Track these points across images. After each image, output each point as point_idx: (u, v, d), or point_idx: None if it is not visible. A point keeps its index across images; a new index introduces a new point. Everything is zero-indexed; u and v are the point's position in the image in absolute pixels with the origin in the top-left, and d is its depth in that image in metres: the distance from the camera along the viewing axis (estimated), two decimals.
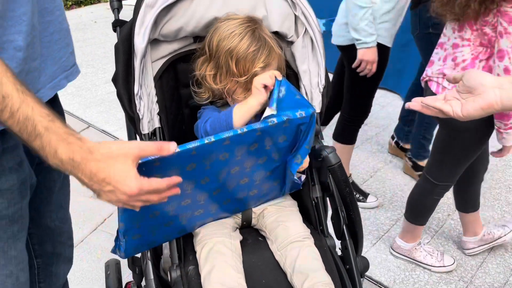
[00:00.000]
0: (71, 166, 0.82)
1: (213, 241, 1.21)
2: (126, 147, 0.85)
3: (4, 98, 0.78)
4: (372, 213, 2.69)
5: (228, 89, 1.24)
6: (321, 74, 1.33)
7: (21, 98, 0.79)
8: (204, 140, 0.97)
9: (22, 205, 1.04)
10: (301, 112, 1.09)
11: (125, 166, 0.83)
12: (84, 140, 0.83)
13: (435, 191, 2.11)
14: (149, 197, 0.87)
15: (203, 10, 1.24)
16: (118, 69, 1.21)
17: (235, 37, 1.19)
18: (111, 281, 1.62)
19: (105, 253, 2.34)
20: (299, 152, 1.18)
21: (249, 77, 1.20)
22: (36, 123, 0.80)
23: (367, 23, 2.17)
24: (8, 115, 0.79)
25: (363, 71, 2.29)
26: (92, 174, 0.82)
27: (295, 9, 1.29)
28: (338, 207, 1.31)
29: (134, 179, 0.83)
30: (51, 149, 0.81)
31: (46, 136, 0.80)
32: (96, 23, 5.67)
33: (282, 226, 1.28)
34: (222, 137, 0.98)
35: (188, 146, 0.95)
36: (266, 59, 1.20)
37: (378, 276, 2.25)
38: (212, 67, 1.24)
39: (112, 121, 3.72)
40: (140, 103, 1.19)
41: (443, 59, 1.85)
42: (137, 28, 1.16)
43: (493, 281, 2.23)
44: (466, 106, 0.95)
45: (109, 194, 0.84)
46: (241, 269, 1.19)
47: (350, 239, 1.30)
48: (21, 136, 0.81)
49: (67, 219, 1.37)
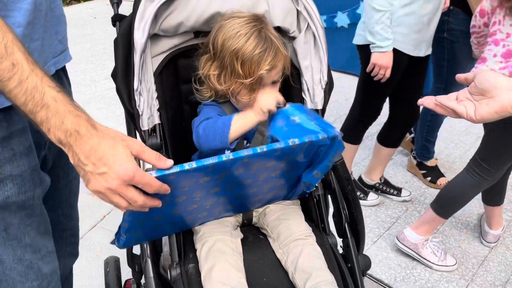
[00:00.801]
0: (73, 139, 0.80)
1: (213, 239, 1.20)
2: (130, 139, 0.86)
3: (13, 65, 0.77)
4: (373, 210, 2.68)
5: (232, 90, 1.21)
6: (323, 71, 1.31)
7: (30, 68, 0.79)
8: (222, 157, 0.94)
9: (34, 194, 1.02)
10: (323, 134, 1.04)
11: (125, 151, 0.82)
12: (90, 116, 0.83)
13: (483, 184, 2.09)
14: (135, 194, 0.84)
15: (204, 5, 1.22)
16: (117, 65, 1.20)
17: (240, 37, 1.16)
18: (111, 278, 1.61)
19: (104, 250, 2.33)
20: (319, 169, 1.15)
21: (254, 79, 1.17)
22: (45, 92, 0.79)
23: (383, 26, 2.11)
24: (15, 84, 0.78)
25: (377, 76, 2.24)
26: (92, 150, 0.80)
27: (297, 4, 1.27)
28: (340, 205, 1.29)
29: (132, 163, 0.82)
30: (57, 120, 0.79)
31: (53, 106, 0.79)
32: (95, 19, 5.65)
33: (284, 224, 1.27)
34: (241, 155, 0.95)
35: (206, 162, 0.92)
36: (273, 61, 1.17)
37: (379, 274, 2.24)
38: (217, 67, 1.22)
39: (112, 118, 3.70)
40: (139, 99, 1.17)
41: (504, 55, 1.84)
42: (136, 22, 1.14)
43: (494, 279, 2.22)
44: (480, 110, 0.93)
45: (100, 178, 0.81)
46: (242, 267, 1.18)
47: (352, 237, 1.29)
48: (24, 108, 0.80)
49: (72, 217, 1.36)
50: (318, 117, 1.13)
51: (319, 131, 1.05)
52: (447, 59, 2.53)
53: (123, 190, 0.83)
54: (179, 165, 0.91)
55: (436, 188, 2.86)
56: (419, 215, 2.64)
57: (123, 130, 1.46)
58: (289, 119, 1.11)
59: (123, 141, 0.84)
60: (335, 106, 3.84)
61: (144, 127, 1.20)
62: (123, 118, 1.43)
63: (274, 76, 1.21)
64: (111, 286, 1.59)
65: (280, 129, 1.12)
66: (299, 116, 1.10)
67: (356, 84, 2.50)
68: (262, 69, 1.16)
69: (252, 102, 1.20)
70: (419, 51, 2.29)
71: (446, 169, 3.04)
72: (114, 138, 0.83)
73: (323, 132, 1.04)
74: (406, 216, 2.65)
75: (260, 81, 1.19)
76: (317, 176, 1.19)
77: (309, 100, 1.34)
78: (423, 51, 2.30)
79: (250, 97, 1.20)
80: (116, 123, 3.62)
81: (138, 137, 1.26)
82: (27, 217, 1.03)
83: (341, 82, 4.20)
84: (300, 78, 1.34)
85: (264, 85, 1.20)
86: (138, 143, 0.86)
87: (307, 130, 1.06)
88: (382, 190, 2.78)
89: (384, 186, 2.78)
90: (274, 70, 1.20)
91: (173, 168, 0.90)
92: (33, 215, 1.04)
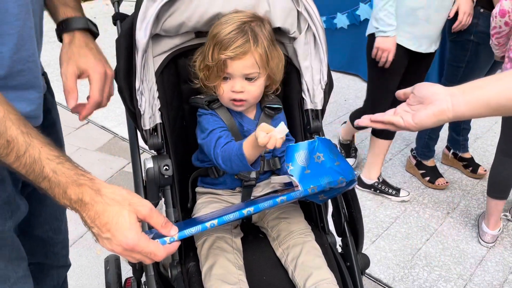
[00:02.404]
0: (78, 206, 0.81)
1: (214, 237, 1.21)
2: (138, 203, 0.84)
3: (9, 142, 0.77)
4: (371, 210, 2.69)
5: (204, 74, 1.25)
6: (323, 71, 1.32)
7: (27, 142, 0.78)
8: (243, 212, 0.96)
9: (4, 228, 0.99)
10: (342, 179, 1.04)
11: (130, 218, 0.82)
12: (95, 181, 0.82)
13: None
14: (141, 257, 0.85)
15: (206, 5, 1.23)
16: (119, 64, 1.20)
17: (224, 24, 1.19)
18: (111, 276, 1.62)
19: (104, 249, 2.33)
20: (327, 195, 1.16)
21: (217, 63, 1.19)
22: (44, 166, 0.79)
23: (386, 13, 2.22)
24: (13, 159, 0.78)
25: (380, 61, 2.32)
26: (96, 216, 0.81)
27: (298, 5, 1.28)
28: (339, 204, 1.30)
29: (134, 233, 0.82)
30: (60, 190, 0.80)
31: (54, 178, 0.80)
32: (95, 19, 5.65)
33: (284, 223, 1.28)
34: (261, 208, 0.97)
35: (226, 218, 0.94)
36: (237, 49, 1.17)
37: (378, 273, 2.26)
38: (200, 53, 1.26)
39: (111, 117, 3.71)
40: (141, 98, 1.18)
41: None
42: (138, 22, 1.15)
43: (492, 279, 2.24)
44: (418, 114, 0.93)
45: (106, 241, 0.83)
46: (242, 266, 1.19)
47: (351, 236, 1.30)
48: (27, 177, 0.80)
49: (61, 230, 1.35)
50: (340, 156, 1.11)
51: (340, 176, 1.05)
52: (468, 61, 2.54)
53: (128, 254, 0.84)
54: (200, 224, 0.92)
55: (435, 188, 2.87)
56: (418, 215, 2.66)
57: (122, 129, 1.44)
58: (315, 154, 1.08)
59: (129, 206, 0.83)
60: (334, 106, 3.85)
61: (145, 127, 1.20)
62: (122, 118, 1.44)
63: (243, 69, 1.21)
64: (112, 284, 1.60)
65: (300, 168, 1.06)
66: (324, 154, 1.08)
67: (355, 85, 2.52)
68: (224, 54, 1.17)
69: (220, 93, 1.25)
70: (419, 47, 2.34)
71: (444, 170, 3.06)
72: (120, 203, 0.82)
73: (342, 177, 1.05)
74: (404, 216, 2.66)
75: (223, 67, 1.20)
76: (321, 199, 1.19)
77: (309, 101, 1.35)
78: (423, 47, 2.35)
79: (219, 85, 1.23)
80: (116, 122, 3.63)
81: (140, 135, 1.27)
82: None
83: (340, 82, 4.22)
84: (300, 78, 1.35)
85: (233, 76, 1.22)
86: (147, 207, 0.85)
87: (328, 172, 1.05)
88: (380, 189, 2.79)
89: (383, 185, 2.79)
90: (240, 61, 1.19)
91: (194, 227, 0.91)
92: (3, 246, 1.02)
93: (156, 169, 1.14)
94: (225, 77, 1.23)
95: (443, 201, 2.78)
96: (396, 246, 2.43)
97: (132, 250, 0.83)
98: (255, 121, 1.32)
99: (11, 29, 0.90)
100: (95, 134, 3.54)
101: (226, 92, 1.24)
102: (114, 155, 3.23)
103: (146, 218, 0.85)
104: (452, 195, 2.84)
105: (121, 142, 3.39)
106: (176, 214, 1.19)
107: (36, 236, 1.26)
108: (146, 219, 0.85)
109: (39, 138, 0.81)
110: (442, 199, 2.80)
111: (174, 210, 1.18)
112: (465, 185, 2.94)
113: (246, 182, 1.30)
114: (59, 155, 0.81)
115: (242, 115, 1.31)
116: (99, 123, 3.64)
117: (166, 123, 1.26)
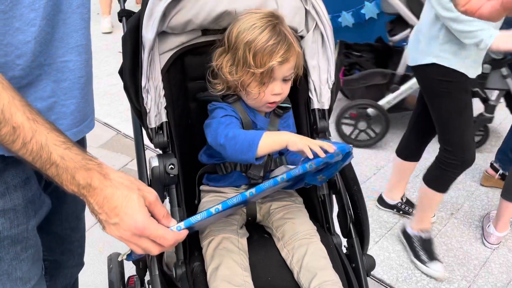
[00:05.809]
0: (86, 191, 0.80)
1: (220, 237, 1.20)
2: (147, 189, 0.85)
3: (15, 129, 0.76)
4: (375, 211, 2.68)
5: (243, 81, 1.21)
6: (330, 71, 1.31)
7: (33, 128, 0.77)
8: (245, 194, 0.97)
9: (28, 226, 0.98)
10: (338, 152, 1.05)
11: (139, 201, 0.82)
12: (103, 166, 0.82)
13: None
14: (149, 245, 0.85)
15: (213, 3, 1.22)
16: (125, 62, 1.20)
17: (255, 30, 1.17)
18: (114, 274, 1.61)
19: (106, 247, 2.33)
20: (325, 174, 1.16)
21: (265, 70, 1.18)
22: (51, 152, 0.78)
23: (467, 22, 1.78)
24: (20, 146, 0.77)
25: None
26: (105, 200, 0.80)
27: (306, 3, 1.27)
28: (345, 205, 1.29)
29: (144, 215, 0.82)
30: (68, 176, 0.79)
31: (62, 164, 0.79)
32: (98, 14, 5.63)
33: (290, 223, 1.27)
34: (263, 188, 0.99)
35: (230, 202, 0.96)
36: (285, 54, 1.18)
37: (381, 274, 2.25)
38: (229, 59, 1.22)
39: (114, 114, 3.69)
40: (147, 96, 1.17)
41: None
42: (145, 20, 1.14)
43: (496, 281, 2.23)
44: None
45: (113, 228, 0.82)
46: (247, 267, 1.18)
47: (357, 237, 1.29)
48: (34, 165, 0.79)
49: (79, 229, 1.35)
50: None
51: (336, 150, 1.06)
52: None
53: (136, 241, 0.84)
54: (205, 211, 0.93)
55: None
56: None
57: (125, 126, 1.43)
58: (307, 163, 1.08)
59: (139, 191, 0.83)
60: (338, 105, 3.84)
61: (151, 125, 1.20)
62: (126, 115, 1.43)
63: (286, 71, 1.21)
64: (114, 282, 1.60)
65: None
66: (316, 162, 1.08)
67: None
68: (274, 60, 1.16)
69: (261, 97, 1.22)
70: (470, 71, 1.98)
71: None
72: (129, 187, 0.82)
73: (338, 150, 1.05)
74: (408, 216, 2.65)
75: (270, 73, 1.19)
76: (321, 180, 1.19)
77: (315, 100, 1.34)
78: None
79: (259, 90, 1.21)
80: (119, 119, 3.62)
81: (145, 133, 1.26)
82: (23, 251, 0.99)
83: None
84: (307, 77, 1.34)
85: (275, 79, 1.21)
86: (153, 194, 0.86)
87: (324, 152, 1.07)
88: (403, 210, 2.61)
89: (407, 206, 2.61)
90: (286, 64, 1.19)
91: (199, 214, 0.93)
92: (28, 247, 1.01)
93: (161, 168, 1.13)
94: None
95: (447, 202, 2.77)
96: (399, 246, 2.42)
97: (141, 235, 0.82)
98: (267, 119, 1.32)
99: None
100: (98, 131, 3.52)
101: (266, 96, 1.23)
102: (117, 152, 3.22)
103: (152, 205, 0.85)
104: (456, 196, 2.83)
105: (124, 139, 3.38)
106: (181, 214, 1.18)
107: (54, 233, 1.25)
108: (151, 206, 0.85)
109: (45, 124, 0.79)
110: (446, 200, 2.79)
111: (179, 209, 1.18)
112: (469, 186, 2.92)
113: (253, 180, 1.29)
114: (65, 140, 0.80)
115: (255, 113, 1.30)
116: (102, 120, 3.63)
117: (171, 121, 1.26)
